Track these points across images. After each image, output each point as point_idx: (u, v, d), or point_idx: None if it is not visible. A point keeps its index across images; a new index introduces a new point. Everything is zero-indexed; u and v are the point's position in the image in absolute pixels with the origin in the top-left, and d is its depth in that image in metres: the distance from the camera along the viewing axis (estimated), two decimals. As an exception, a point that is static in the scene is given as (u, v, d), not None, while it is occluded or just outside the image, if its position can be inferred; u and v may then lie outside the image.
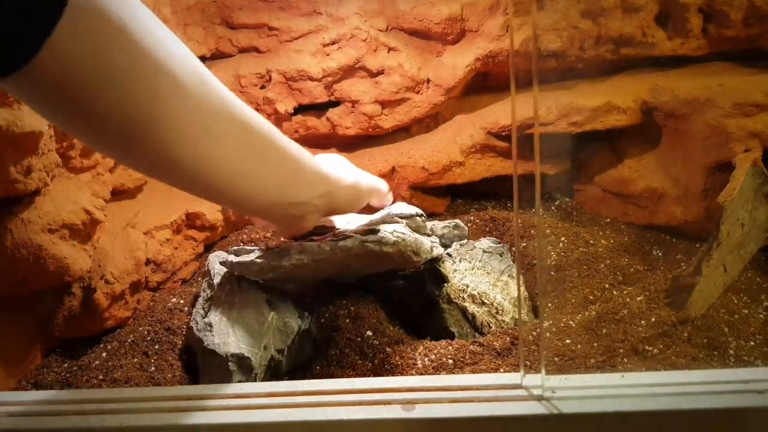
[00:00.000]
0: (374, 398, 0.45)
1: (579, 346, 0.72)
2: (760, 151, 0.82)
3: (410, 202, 1.00)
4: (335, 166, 0.66)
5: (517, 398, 0.45)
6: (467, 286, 0.75)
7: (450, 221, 0.85)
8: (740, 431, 0.45)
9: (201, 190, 0.50)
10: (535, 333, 0.70)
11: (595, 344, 0.72)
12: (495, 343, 0.69)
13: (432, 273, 0.75)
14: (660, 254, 0.90)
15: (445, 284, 0.74)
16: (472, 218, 0.98)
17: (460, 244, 0.82)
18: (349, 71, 1.01)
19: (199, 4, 1.01)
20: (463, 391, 0.46)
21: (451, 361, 0.66)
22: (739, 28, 0.90)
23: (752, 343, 0.73)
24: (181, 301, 0.81)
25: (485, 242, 0.84)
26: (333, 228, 0.74)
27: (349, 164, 0.74)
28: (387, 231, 0.69)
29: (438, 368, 0.65)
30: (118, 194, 0.89)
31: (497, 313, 0.75)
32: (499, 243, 0.84)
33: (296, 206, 0.57)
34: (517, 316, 0.75)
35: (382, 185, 0.78)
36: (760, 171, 0.81)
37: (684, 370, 0.65)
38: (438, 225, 0.83)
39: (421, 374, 0.62)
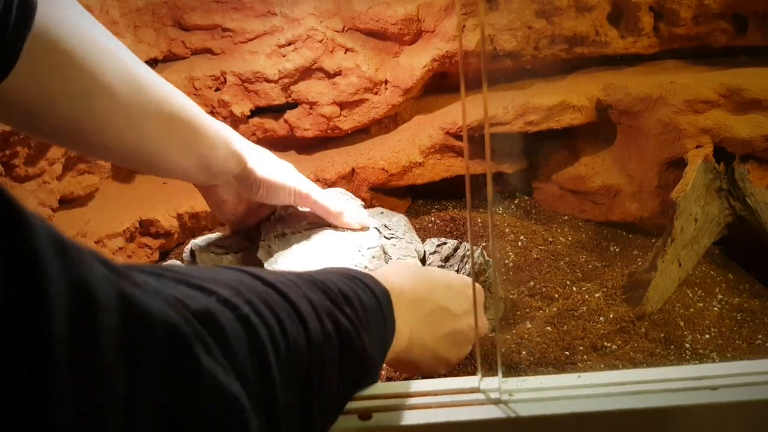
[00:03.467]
0: (330, 408, 0.45)
1: (542, 344, 0.72)
2: (711, 146, 0.84)
3: (371, 204, 0.99)
4: (267, 161, 0.71)
5: (474, 402, 0.45)
6: None
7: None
8: (695, 428, 0.45)
9: (133, 165, 0.66)
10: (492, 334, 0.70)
11: (557, 342, 0.73)
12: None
13: None
14: (617, 250, 0.91)
15: None
16: (432, 218, 0.98)
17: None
18: (306, 72, 0.99)
19: (149, 6, 0.98)
20: (421, 398, 0.46)
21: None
22: (689, 27, 0.91)
23: (707, 336, 0.74)
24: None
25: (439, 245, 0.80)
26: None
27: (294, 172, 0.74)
28: None
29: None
30: (68, 202, 0.86)
31: None
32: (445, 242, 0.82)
33: (213, 177, 0.67)
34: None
35: (324, 200, 0.74)
36: (712, 167, 0.83)
37: (641, 366, 0.66)
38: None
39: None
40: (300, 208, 0.77)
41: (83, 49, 0.51)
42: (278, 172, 0.70)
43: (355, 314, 0.42)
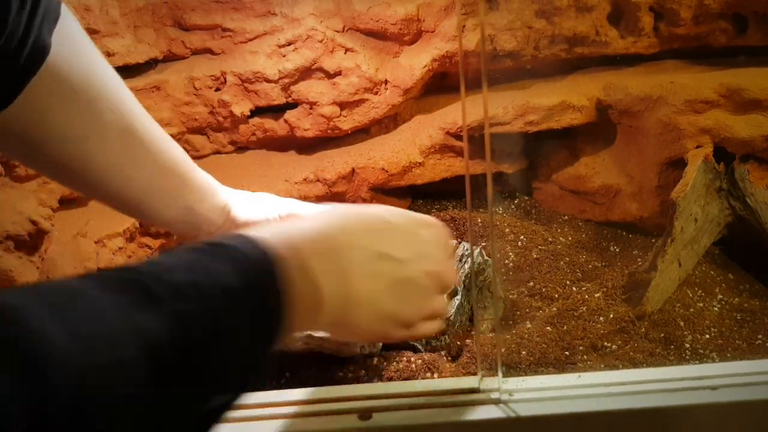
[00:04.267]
0: (330, 408, 0.45)
1: (542, 344, 0.72)
2: (711, 146, 0.84)
3: (371, 204, 0.99)
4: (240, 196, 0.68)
5: (475, 402, 0.45)
6: None
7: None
8: (695, 428, 0.45)
9: (118, 208, 0.63)
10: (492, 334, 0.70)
11: (557, 342, 0.73)
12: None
13: None
14: (617, 250, 0.91)
15: None
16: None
17: None
18: (306, 72, 0.99)
19: (149, 6, 0.98)
20: (421, 397, 0.46)
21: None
22: (689, 27, 0.91)
23: (707, 336, 0.74)
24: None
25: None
26: None
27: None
28: None
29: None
30: (68, 202, 0.86)
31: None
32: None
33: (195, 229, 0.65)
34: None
35: None
36: (712, 167, 0.83)
37: (641, 366, 0.66)
38: None
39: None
40: None
41: (87, 95, 0.53)
42: (259, 210, 0.68)
43: (183, 310, 0.32)
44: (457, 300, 0.74)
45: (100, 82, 0.55)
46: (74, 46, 0.52)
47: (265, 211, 0.69)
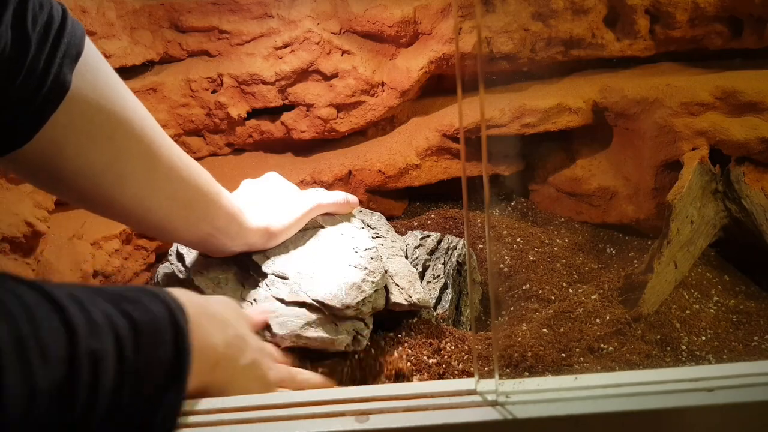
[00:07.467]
0: (327, 410, 0.44)
1: (538, 346, 0.72)
2: (706, 149, 0.85)
3: (368, 206, 0.99)
4: (255, 206, 0.70)
5: (471, 404, 0.45)
6: None
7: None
8: (691, 429, 0.45)
9: (138, 230, 0.69)
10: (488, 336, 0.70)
11: (553, 344, 0.73)
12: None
13: None
14: (613, 252, 0.91)
15: None
16: (432, 216, 0.98)
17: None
18: (302, 74, 0.99)
19: (146, 8, 0.98)
20: (417, 399, 0.46)
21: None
22: (685, 29, 0.92)
23: (703, 337, 0.74)
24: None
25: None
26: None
27: (281, 193, 0.74)
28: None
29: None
30: (64, 204, 0.85)
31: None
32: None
33: (215, 245, 0.67)
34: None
35: (330, 198, 0.76)
36: (707, 169, 0.83)
37: (637, 368, 0.66)
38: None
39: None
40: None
41: (108, 129, 0.53)
42: (291, 212, 0.71)
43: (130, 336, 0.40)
44: (448, 293, 0.76)
45: (122, 115, 0.54)
46: (95, 81, 0.52)
47: (298, 210, 0.71)
